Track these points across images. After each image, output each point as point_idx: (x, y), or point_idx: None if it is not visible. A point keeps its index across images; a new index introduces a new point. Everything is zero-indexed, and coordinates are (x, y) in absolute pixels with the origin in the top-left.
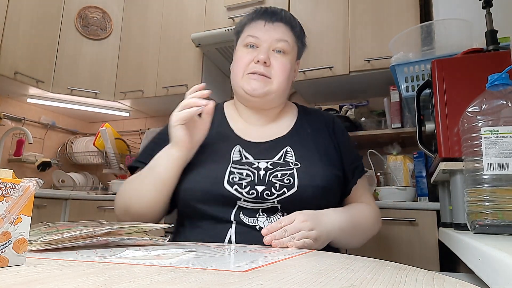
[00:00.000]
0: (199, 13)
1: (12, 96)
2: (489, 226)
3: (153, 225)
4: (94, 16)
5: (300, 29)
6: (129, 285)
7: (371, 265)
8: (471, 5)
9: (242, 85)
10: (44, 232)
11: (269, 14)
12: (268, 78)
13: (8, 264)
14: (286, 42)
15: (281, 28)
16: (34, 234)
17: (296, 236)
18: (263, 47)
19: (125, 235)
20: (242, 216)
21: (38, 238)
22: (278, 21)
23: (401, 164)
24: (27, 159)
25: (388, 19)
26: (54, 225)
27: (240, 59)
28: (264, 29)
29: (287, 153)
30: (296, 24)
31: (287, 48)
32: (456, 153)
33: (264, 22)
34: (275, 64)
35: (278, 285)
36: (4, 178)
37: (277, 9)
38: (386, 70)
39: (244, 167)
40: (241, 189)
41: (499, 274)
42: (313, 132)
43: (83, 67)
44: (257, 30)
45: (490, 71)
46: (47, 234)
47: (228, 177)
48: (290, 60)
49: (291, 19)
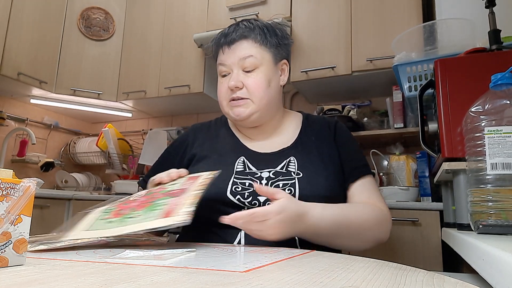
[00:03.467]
0: (201, 13)
1: (15, 97)
2: (493, 226)
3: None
4: (96, 17)
5: (265, 34)
6: (129, 285)
7: (371, 265)
8: (474, 5)
9: (228, 113)
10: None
11: (224, 37)
12: (247, 99)
13: (8, 264)
14: (251, 57)
15: (241, 46)
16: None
17: (253, 230)
18: (233, 72)
19: (125, 235)
20: None
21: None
22: (235, 41)
23: (404, 164)
24: (30, 159)
25: (391, 19)
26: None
27: (219, 90)
28: (225, 55)
29: (290, 162)
30: (256, 33)
31: (256, 62)
32: (459, 153)
33: (222, 48)
34: (248, 84)
35: (278, 285)
36: (4, 178)
37: (231, 28)
38: (389, 70)
39: (246, 177)
40: (244, 199)
41: (503, 275)
42: (317, 140)
43: (85, 67)
44: (221, 57)
45: (493, 71)
46: (41, 243)
47: (231, 187)
48: (263, 72)
49: (249, 30)
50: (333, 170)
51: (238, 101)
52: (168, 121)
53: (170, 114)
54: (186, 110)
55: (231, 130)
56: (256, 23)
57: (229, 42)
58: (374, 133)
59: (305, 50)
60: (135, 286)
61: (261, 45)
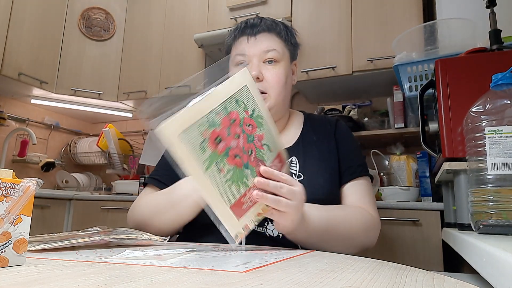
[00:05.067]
0: (202, 13)
1: (16, 97)
2: (493, 226)
3: (151, 235)
4: (97, 17)
5: (287, 31)
6: (129, 285)
7: (371, 266)
8: (474, 5)
9: None
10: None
11: (250, 28)
12: (265, 93)
13: (8, 264)
14: (274, 50)
15: (265, 38)
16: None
17: (282, 202)
18: (253, 63)
19: (125, 235)
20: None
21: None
22: (260, 32)
23: (404, 164)
24: (31, 159)
25: (391, 19)
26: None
27: None
28: (249, 44)
29: (291, 163)
30: (280, 28)
31: (278, 56)
32: (460, 153)
33: (247, 38)
34: (268, 77)
35: (278, 285)
36: (4, 178)
37: (256, 20)
38: (389, 70)
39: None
40: None
41: (504, 275)
42: (318, 140)
43: (86, 68)
44: (243, 46)
45: (494, 71)
46: (40, 243)
47: None
48: (283, 67)
49: (273, 25)
50: (332, 169)
51: None
52: None
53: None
54: None
55: None
56: (278, 21)
57: (255, 32)
58: (374, 133)
59: (306, 50)
60: (135, 286)
61: (284, 41)
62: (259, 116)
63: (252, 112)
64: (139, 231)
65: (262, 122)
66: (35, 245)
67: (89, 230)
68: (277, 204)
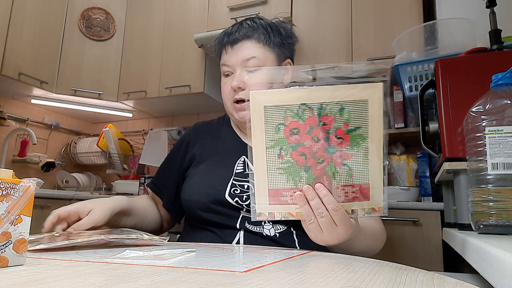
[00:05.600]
0: (202, 13)
1: (16, 97)
2: (494, 226)
3: (151, 235)
4: (97, 17)
5: (268, 34)
6: (129, 285)
7: (371, 265)
8: (474, 4)
9: (232, 114)
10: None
11: (227, 37)
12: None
13: (8, 264)
14: (254, 58)
15: (244, 46)
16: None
17: (313, 224)
18: (236, 72)
19: (125, 234)
20: (248, 225)
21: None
22: (238, 41)
23: (404, 164)
24: (31, 159)
25: (391, 19)
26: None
27: (223, 90)
28: (228, 55)
29: None
30: (259, 33)
31: (259, 63)
32: (460, 153)
33: (225, 48)
34: (250, 84)
35: (278, 285)
36: (4, 178)
37: (234, 27)
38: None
39: (246, 179)
40: (242, 202)
41: (504, 275)
42: None
43: (86, 68)
44: (224, 57)
45: (494, 71)
46: (40, 243)
47: (230, 189)
48: (267, 72)
49: (252, 30)
50: None
51: (242, 105)
52: (168, 121)
53: (170, 114)
54: (187, 110)
55: (232, 128)
56: (259, 22)
57: (231, 42)
58: None
59: (306, 50)
60: (135, 286)
61: (264, 45)
62: (362, 137)
63: (354, 128)
64: (139, 231)
65: (361, 144)
66: (34, 245)
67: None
68: (307, 221)
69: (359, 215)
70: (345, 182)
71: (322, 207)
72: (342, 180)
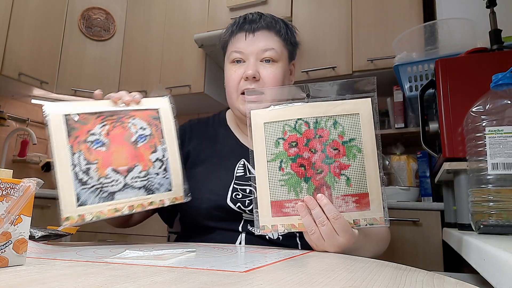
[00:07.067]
0: (202, 13)
1: (17, 97)
2: (494, 226)
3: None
4: (97, 17)
5: (286, 30)
6: (129, 285)
7: (371, 266)
8: (474, 5)
9: (238, 107)
10: None
11: (248, 24)
12: (261, 94)
13: (8, 264)
14: (272, 50)
15: (264, 36)
16: None
17: (315, 234)
18: (250, 61)
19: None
20: (250, 227)
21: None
22: (259, 30)
23: (404, 164)
24: (31, 159)
25: (391, 19)
26: None
27: (230, 78)
28: (247, 42)
29: None
30: (280, 26)
31: (275, 56)
32: (460, 153)
33: (245, 34)
34: (265, 76)
35: (278, 285)
36: (4, 178)
37: (255, 16)
38: (390, 70)
39: (247, 183)
40: (244, 207)
41: (504, 275)
42: None
43: (86, 68)
44: (240, 43)
45: (494, 71)
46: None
47: (231, 194)
48: (281, 68)
49: (273, 23)
50: None
51: (251, 96)
52: None
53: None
54: (187, 110)
55: (230, 129)
56: (277, 17)
57: (254, 29)
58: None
59: (306, 50)
60: (135, 286)
61: (283, 40)
62: (357, 148)
63: (348, 140)
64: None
65: (357, 155)
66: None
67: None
68: (309, 231)
69: (361, 225)
70: (345, 191)
71: (323, 216)
72: (342, 190)
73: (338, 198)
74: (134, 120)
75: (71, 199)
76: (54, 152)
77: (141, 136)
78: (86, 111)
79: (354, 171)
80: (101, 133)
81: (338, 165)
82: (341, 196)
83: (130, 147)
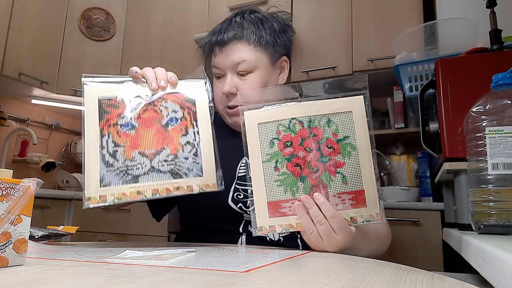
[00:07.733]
0: (202, 14)
1: (17, 97)
2: (494, 226)
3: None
4: (97, 17)
5: (263, 28)
6: (129, 285)
7: (371, 266)
8: (474, 5)
9: (225, 118)
10: None
11: (217, 36)
12: (254, 95)
13: (8, 264)
14: (244, 62)
15: (234, 48)
16: None
17: (313, 234)
18: (227, 77)
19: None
20: (251, 229)
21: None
22: (229, 42)
23: (404, 164)
24: (31, 159)
25: (392, 19)
26: None
27: (215, 94)
28: (219, 57)
29: None
30: (250, 31)
31: (249, 67)
32: (460, 153)
33: (216, 49)
34: (242, 89)
35: (278, 285)
36: (4, 178)
37: (223, 25)
38: (390, 70)
39: (249, 183)
40: (246, 208)
41: (504, 275)
42: None
43: (86, 68)
44: (216, 58)
45: (494, 71)
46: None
47: (233, 194)
48: (259, 75)
49: (242, 29)
50: None
51: (234, 110)
52: None
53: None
54: None
55: (231, 128)
56: (249, 18)
57: (220, 44)
58: (375, 133)
59: (306, 50)
60: (135, 286)
61: (255, 46)
62: (351, 146)
63: (342, 137)
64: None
65: (351, 152)
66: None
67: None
68: (307, 230)
69: (358, 222)
70: (341, 189)
71: (321, 214)
72: (338, 188)
73: (334, 196)
74: (167, 103)
75: (95, 180)
76: (85, 134)
77: (172, 119)
78: (120, 96)
79: (349, 169)
80: (132, 117)
81: (333, 163)
82: (337, 194)
83: (159, 130)
